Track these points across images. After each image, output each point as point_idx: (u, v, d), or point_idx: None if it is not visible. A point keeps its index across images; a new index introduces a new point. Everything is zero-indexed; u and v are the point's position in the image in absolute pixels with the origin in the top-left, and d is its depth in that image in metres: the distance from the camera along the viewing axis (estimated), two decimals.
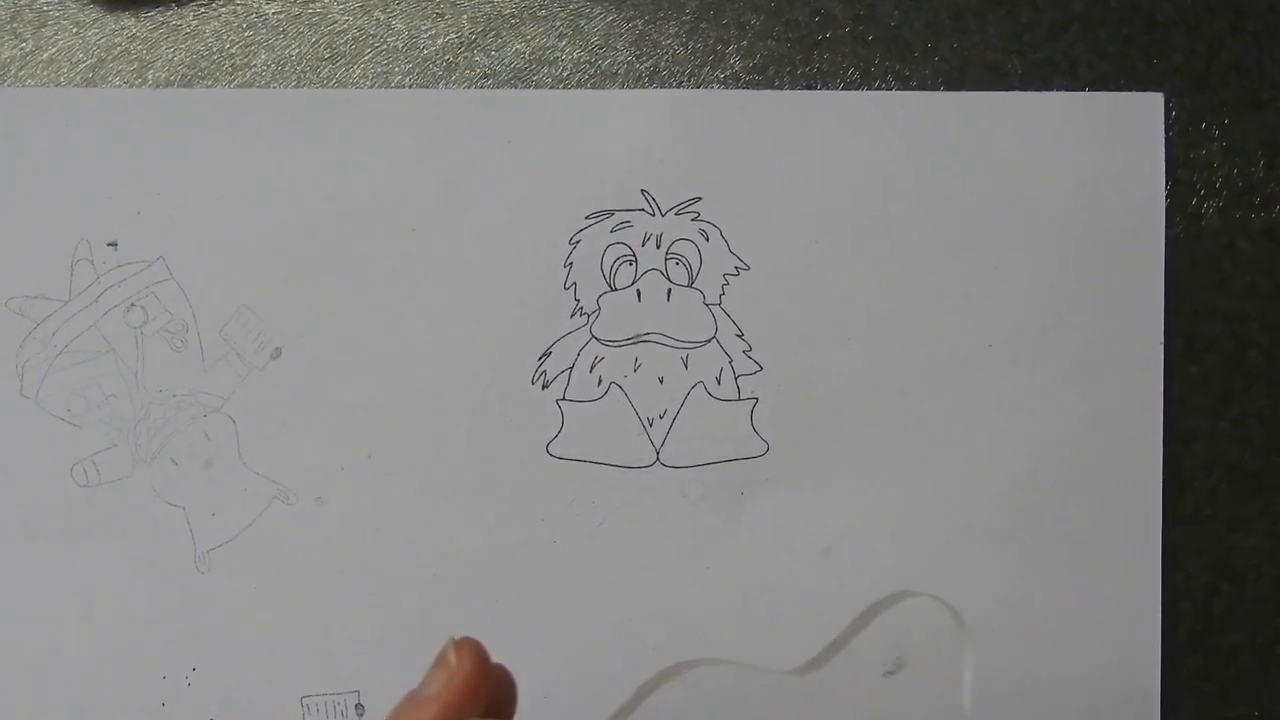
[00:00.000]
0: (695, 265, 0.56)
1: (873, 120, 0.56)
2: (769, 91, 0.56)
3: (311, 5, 0.57)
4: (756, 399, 0.56)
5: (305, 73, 0.57)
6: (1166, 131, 0.56)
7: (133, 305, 0.55)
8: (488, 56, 0.57)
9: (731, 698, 0.55)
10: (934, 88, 0.57)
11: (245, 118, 0.56)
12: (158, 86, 0.56)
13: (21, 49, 0.57)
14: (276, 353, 0.55)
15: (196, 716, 0.55)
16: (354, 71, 0.57)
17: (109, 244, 0.55)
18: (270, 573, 0.55)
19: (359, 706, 0.55)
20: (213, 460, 0.55)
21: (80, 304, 0.55)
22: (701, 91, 0.56)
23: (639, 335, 0.56)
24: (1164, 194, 0.56)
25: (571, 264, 0.56)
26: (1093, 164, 0.56)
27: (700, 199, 0.56)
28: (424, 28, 0.57)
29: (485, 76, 0.57)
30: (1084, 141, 0.56)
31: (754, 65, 0.57)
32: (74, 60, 0.57)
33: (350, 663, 0.55)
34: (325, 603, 0.55)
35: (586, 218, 0.56)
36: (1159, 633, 0.56)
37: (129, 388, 0.55)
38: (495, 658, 0.55)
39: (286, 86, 0.56)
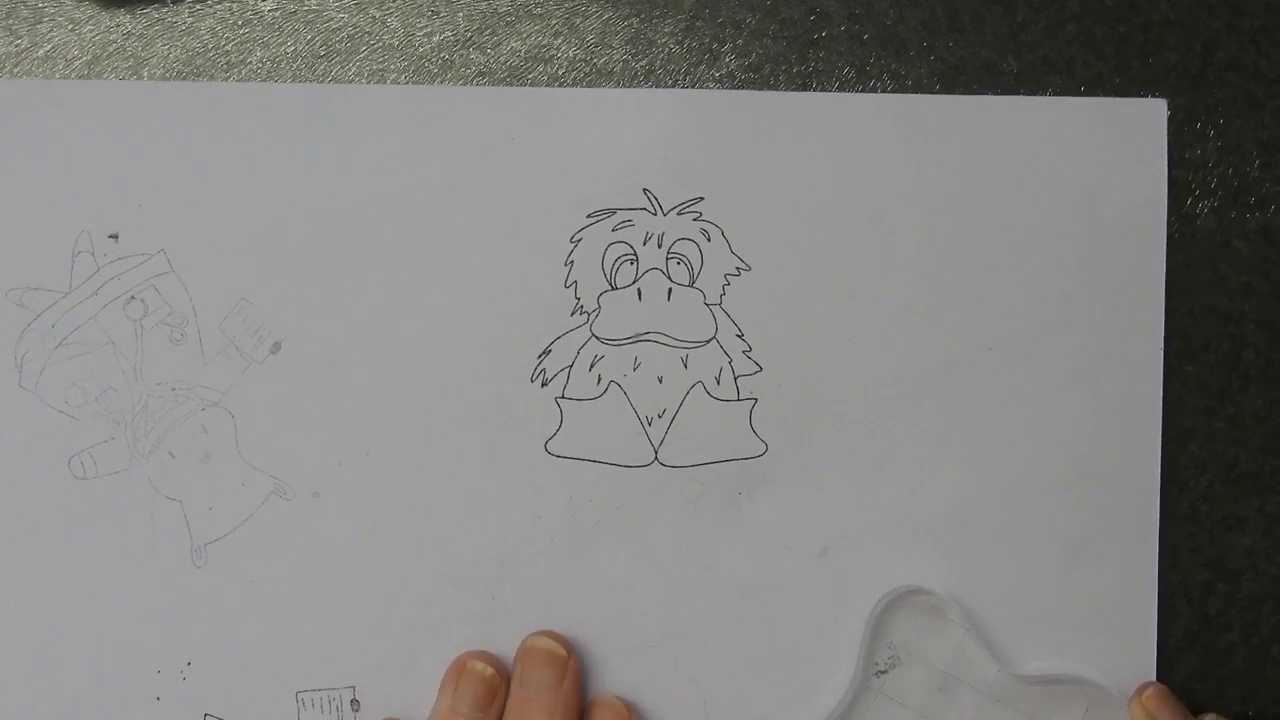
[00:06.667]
0: (696, 265, 0.56)
1: (877, 123, 0.56)
2: (773, 93, 0.56)
3: (307, 2, 0.57)
4: (755, 399, 0.56)
5: (300, 70, 0.56)
6: None
7: (133, 298, 0.55)
8: (483, 54, 0.57)
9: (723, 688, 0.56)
10: (930, 87, 0.57)
11: (250, 112, 0.55)
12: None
13: (17, 45, 0.56)
14: (276, 347, 0.55)
15: (191, 710, 0.55)
16: (349, 69, 0.56)
17: (110, 236, 0.55)
18: (267, 567, 0.55)
19: (354, 702, 0.55)
20: (210, 454, 0.55)
21: (80, 296, 0.54)
22: (705, 92, 0.56)
23: (639, 334, 0.56)
24: (1165, 199, 0.56)
25: (572, 262, 0.55)
26: (1095, 169, 0.56)
27: (702, 199, 0.56)
28: (420, 25, 0.57)
29: (481, 74, 0.57)
30: (1086, 146, 0.56)
31: (749, 64, 0.57)
32: (69, 57, 0.56)
33: (346, 658, 0.55)
34: (321, 598, 0.55)
35: (588, 216, 0.56)
36: (1155, 631, 0.56)
37: (128, 380, 0.55)
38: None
39: (282, 83, 0.56)
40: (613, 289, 0.56)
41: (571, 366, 0.55)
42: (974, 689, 0.55)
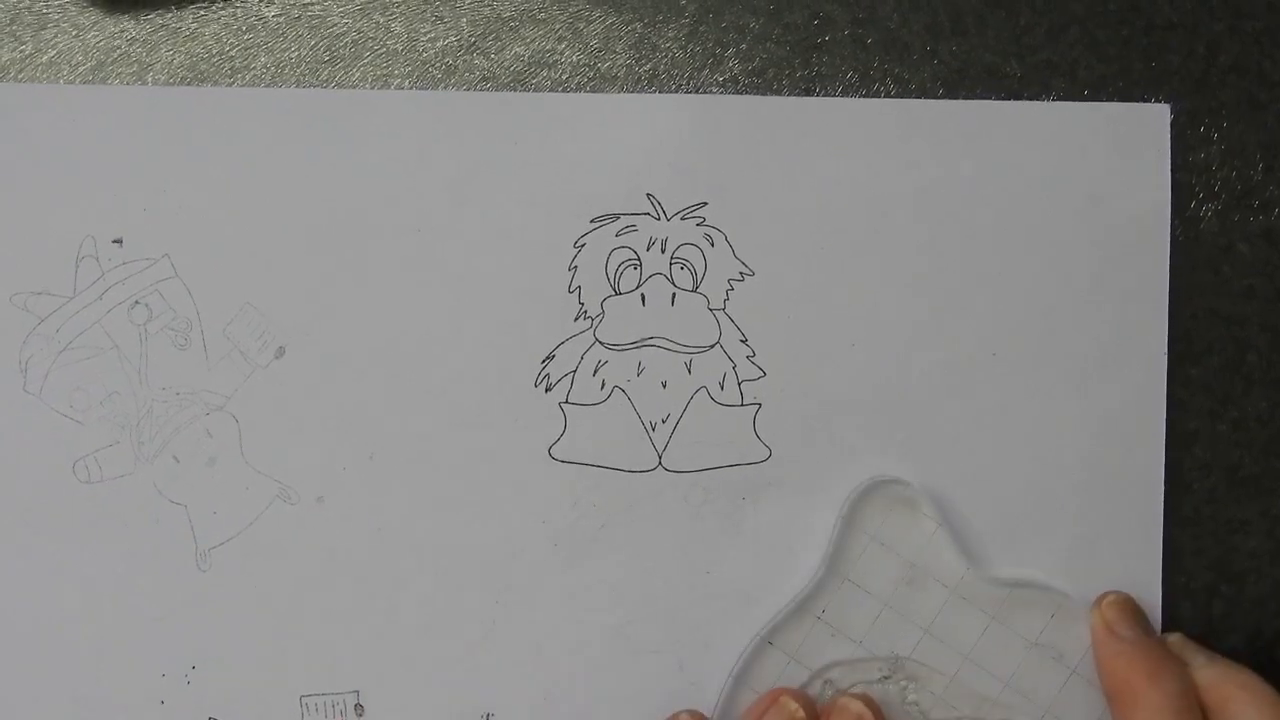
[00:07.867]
0: (700, 270, 0.56)
1: (880, 127, 0.56)
2: (777, 97, 0.56)
3: (311, 8, 0.57)
4: (759, 404, 0.56)
5: (304, 75, 0.57)
6: None
7: (137, 302, 0.55)
8: (487, 59, 0.57)
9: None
10: (933, 91, 0.57)
11: (254, 117, 0.55)
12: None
13: (21, 52, 0.56)
14: (280, 352, 0.55)
15: (195, 715, 0.55)
16: (353, 74, 0.56)
17: (114, 241, 0.55)
18: (271, 572, 0.55)
19: (359, 706, 0.55)
20: (215, 458, 0.55)
21: (84, 300, 0.55)
22: (709, 96, 0.56)
23: (643, 339, 0.56)
24: (1169, 203, 0.56)
25: (576, 267, 0.55)
26: (1098, 173, 0.56)
27: (706, 204, 0.56)
28: (423, 30, 0.57)
29: (484, 79, 0.57)
30: (1090, 151, 0.56)
31: (753, 68, 0.57)
32: (73, 63, 0.56)
33: (350, 663, 0.55)
34: (326, 602, 0.55)
35: (591, 221, 0.56)
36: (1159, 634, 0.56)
37: (132, 385, 0.55)
38: (495, 661, 0.55)
39: (286, 89, 0.56)
40: (616, 294, 0.56)
41: (575, 371, 0.55)
42: (941, 584, 0.55)
